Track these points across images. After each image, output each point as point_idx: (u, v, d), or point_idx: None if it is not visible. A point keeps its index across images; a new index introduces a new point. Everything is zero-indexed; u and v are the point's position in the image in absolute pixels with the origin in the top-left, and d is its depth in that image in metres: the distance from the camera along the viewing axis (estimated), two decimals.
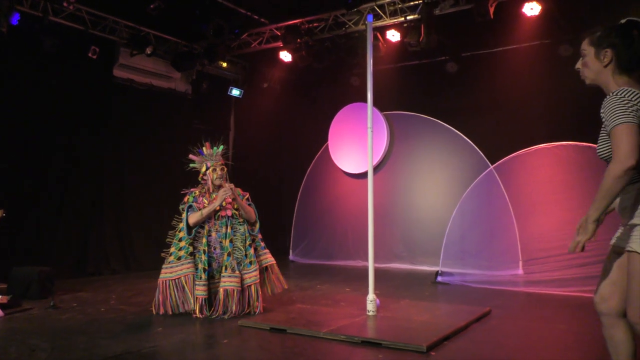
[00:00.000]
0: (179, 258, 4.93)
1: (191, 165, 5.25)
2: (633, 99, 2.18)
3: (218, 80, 9.80)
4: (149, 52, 8.00)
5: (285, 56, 8.63)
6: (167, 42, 8.54)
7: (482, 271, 7.25)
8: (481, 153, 8.00)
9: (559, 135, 7.26)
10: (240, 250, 4.98)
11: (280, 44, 8.32)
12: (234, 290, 4.80)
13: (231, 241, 4.97)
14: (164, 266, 4.97)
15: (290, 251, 9.95)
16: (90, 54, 7.49)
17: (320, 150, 9.94)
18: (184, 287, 4.87)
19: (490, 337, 4.24)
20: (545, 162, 7.31)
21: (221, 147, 5.26)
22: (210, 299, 4.88)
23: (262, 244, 5.23)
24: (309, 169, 10.06)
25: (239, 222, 5.06)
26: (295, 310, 5.06)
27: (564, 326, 4.65)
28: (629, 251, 2.23)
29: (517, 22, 7.46)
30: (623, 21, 2.35)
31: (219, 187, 5.08)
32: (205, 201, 5.03)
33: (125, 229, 8.23)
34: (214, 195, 5.04)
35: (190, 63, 8.73)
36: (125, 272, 7.86)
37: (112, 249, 8.00)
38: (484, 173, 7.77)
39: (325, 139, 9.77)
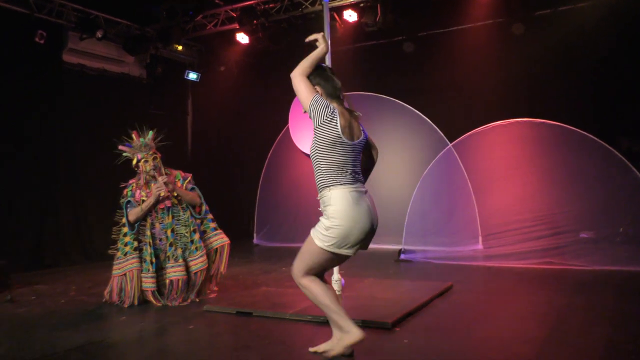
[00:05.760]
0: (125, 254, 4.84)
1: (124, 155, 4.99)
2: (328, 105, 3.04)
3: (174, 64, 9.58)
4: (99, 36, 7.74)
5: (242, 38, 8.51)
6: (118, 25, 8.27)
7: (443, 247, 7.40)
8: (440, 132, 8.10)
9: (513, 112, 7.43)
10: (185, 236, 4.87)
11: (236, 25, 8.18)
12: (178, 280, 4.72)
13: (173, 230, 4.85)
14: (114, 263, 4.88)
15: (254, 235, 9.91)
16: (37, 39, 7.19)
17: (281, 133, 9.89)
18: (128, 283, 4.75)
19: (452, 311, 4.35)
20: (501, 138, 7.48)
21: (150, 133, 4.98)
22: (161, 290, 4.81)
23: (213, 224, 5.09)
24: (270, 152, 9.99)
25: (181, 208, 4.92)
26: (261, 293, 5.06)
27: (522, 297, 4.81)
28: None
29: (471, 1, 7.55)
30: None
31: (154, 177, 4.90)
32: (143, 194, 4.88)
33: (83, 218, 8.02)
34: (151, 185, 4.87)
35: (143, 46, 8.49)
36: (84, 263, 7.67)
37: (69, 239, 7.79)
38: (443, 151, 7.89)
39: (285, 121, 9.71)
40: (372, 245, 9.87)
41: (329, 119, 3.00)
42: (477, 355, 3.21)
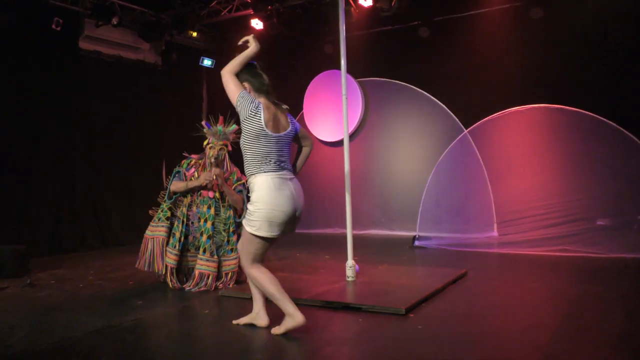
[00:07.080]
0: (159, 219, 4.93)
1: (203, 130, 5.01)
2: (253, 100, 3.33)
3: (188, 51, 9.59)
4: (115, 23, 7.76)
5: (257, 24, 8.48)
6: (134, 12, 8.29)
7: (458, 234, 7.38)
8: (455, 118, 8.05)
9: (530, 97, 7.34)
10: (222, 235, 4.89)
11: (250, 11, 8.16)
12: (209, 275, 4.76)
13: (213, 224, 4.89)
14: (150, 224, 4.98)
15: None
16: (54, 26, 7.24)
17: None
18: (155, 248, 4.84)
19: (466, 297, 4.36)
20: (518, 125, 7.40)
21: (233, 126, 4.99)
22: (180, 270, 4.87)
23: None
24: None
25: (224, 205, 4.95)
26: None
27: (536, 284, 4.79)
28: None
29: None
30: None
31: (212, 165, 4.93)
32: (195, 174, 4.96)
33: (100, 203, 8.12)
34: (207, 170, 4.95)
35: (158, 33, 8.51)
36: (102, 248, 7.79)
37: (87, 224, 7.89)
38: (458, 138, 7.84)
39: (300, 107, 9.70)
40: (386, 232, 9.81)
41: (253, 114, 3.27)
42: (491, 342, 3.21)
